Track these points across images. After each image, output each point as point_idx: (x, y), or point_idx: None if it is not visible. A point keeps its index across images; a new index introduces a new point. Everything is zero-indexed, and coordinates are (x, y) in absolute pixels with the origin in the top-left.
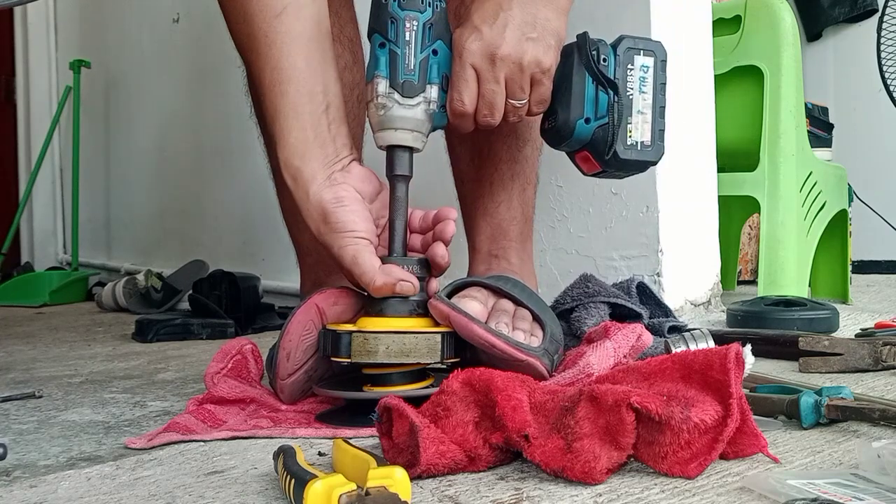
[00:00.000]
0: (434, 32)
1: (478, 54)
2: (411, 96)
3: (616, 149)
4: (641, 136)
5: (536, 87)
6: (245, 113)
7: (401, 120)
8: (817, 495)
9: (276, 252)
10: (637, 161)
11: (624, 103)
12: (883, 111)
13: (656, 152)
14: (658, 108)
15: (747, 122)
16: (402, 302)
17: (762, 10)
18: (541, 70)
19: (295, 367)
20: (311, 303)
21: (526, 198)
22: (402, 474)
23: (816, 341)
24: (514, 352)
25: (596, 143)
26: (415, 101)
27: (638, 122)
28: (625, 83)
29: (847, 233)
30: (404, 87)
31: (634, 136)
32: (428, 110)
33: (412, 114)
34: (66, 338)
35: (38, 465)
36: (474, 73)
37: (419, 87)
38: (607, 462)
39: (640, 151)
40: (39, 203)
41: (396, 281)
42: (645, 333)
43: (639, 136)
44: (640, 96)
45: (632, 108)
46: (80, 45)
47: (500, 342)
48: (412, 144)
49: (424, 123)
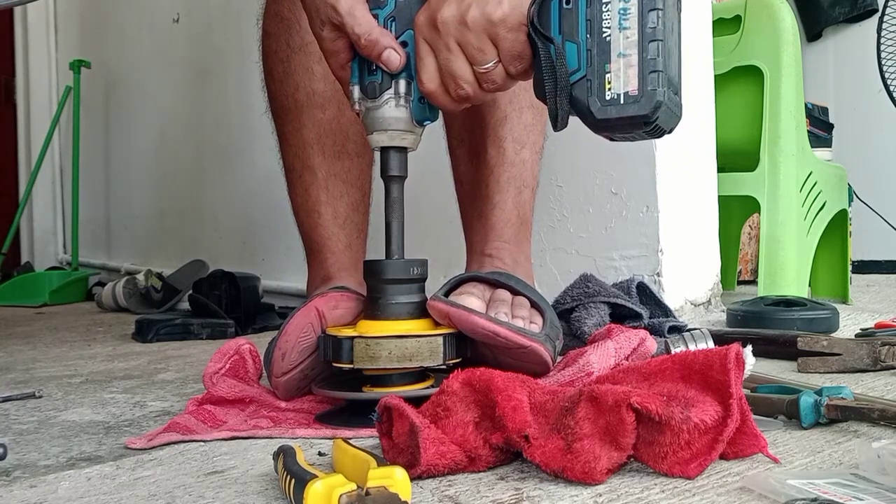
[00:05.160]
0: (399, 24)
1: (424, 26)
2: (375, 97)
3: (591, 107)
4: (624, 85)
5: (501, 44)
6: (245, 113)
7: (375, 121)
8: (817, 495)
9: (276, 252)
10: (621, 119)
11: (599, 48)
12: (883, 111)
13: (647, 103)
14: (647, 43)
15: (747, 122)
16: (402, 304)
17: (762, 10)
18: (492, 24)
19: (290, 367)
20: (311, 305)
21: (522, 200)
22: (402, 474)
23: (815, 341)
24: (517, 338)
25: (575, 105)
26: (382, 98)
27: (619, 69)
28: (599, 22)
29: (847, 233)
30: (368, 88)
31: (614, 88)
32: (399, 104)
33: (381, 113)
34: (66, 338)
35: (38, 465)
36: (427, 46)
37: (384, 85)
38: (607, 462)
39: (623, 106)
40: (39, 203)
41: (388, 47)
42: (649, 339)
43: (620, 87)
44: (619, 35)
45: (610, 51)
46: (80, 45)
47: (503, 329)
48: (390, 144)
49: (400, 119)
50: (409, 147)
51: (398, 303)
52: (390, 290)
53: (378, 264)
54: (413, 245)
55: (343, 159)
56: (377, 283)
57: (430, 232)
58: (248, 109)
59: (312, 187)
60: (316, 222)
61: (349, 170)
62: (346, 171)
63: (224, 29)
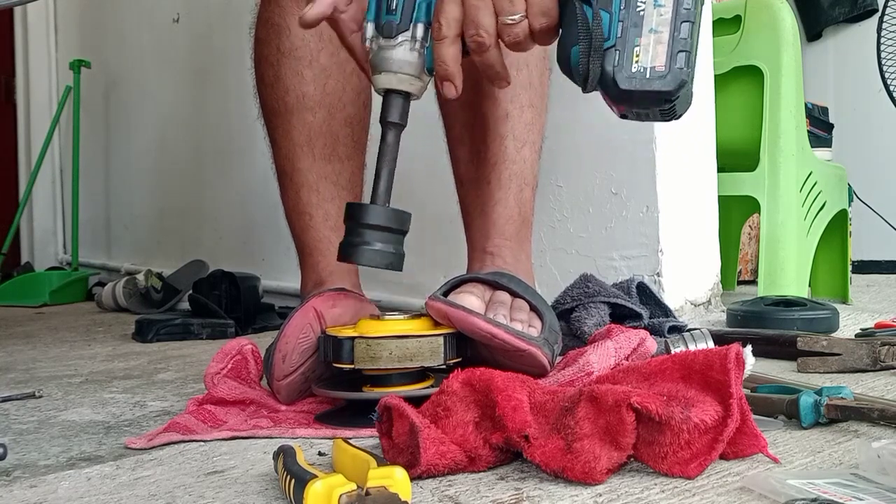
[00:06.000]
0: None
1: None
2: (391, 36)
3: (616, 78)
4: (652, 60)
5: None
6: (245, 113)
7: (385, 62)
8: (817, 495)
9: (276, 252)
10: (645, 92)
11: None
12: (883, 111)
13: (673, 80)
14: (680, 23)
15: (747, 122)
16: (378, 252)
17: (762, 10)
18: None
19: (291, 369)
20: (308, 306)
21: (524, 198)
22: (402, 474)
23: (815, 341)
24: (515, 341)
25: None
26: (397, 40)
27: (648, 44)
28: None
29: (847, 233)
30: (384, 28)
31: (642, 61)
32: (414, 49)
33: (394, 54)
34: (66, 338)
35: (38, 465)
36: None
37: (401, 26)
38: (607, 462)
39: (648, 80)
40: (39, 203)
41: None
42: (649, 339)
43: (647, 61)
44: (653, 11)
45: (642, 25)
46: (80, 45)
47: (501, 332)
48: (398, 87)
49: (412, 64)
50: (414, 94)
51: (374, 249)
52: (368, 235)
53: (360, 207)
54: (413, 245)
55: (334, 162)
56: (356, 225)
57: (431, 232)
58: (248, 109)
59: (303, 190)
60: (307, 224)
61: (340, 173)
62: (337, 174)
63: (224, 29)
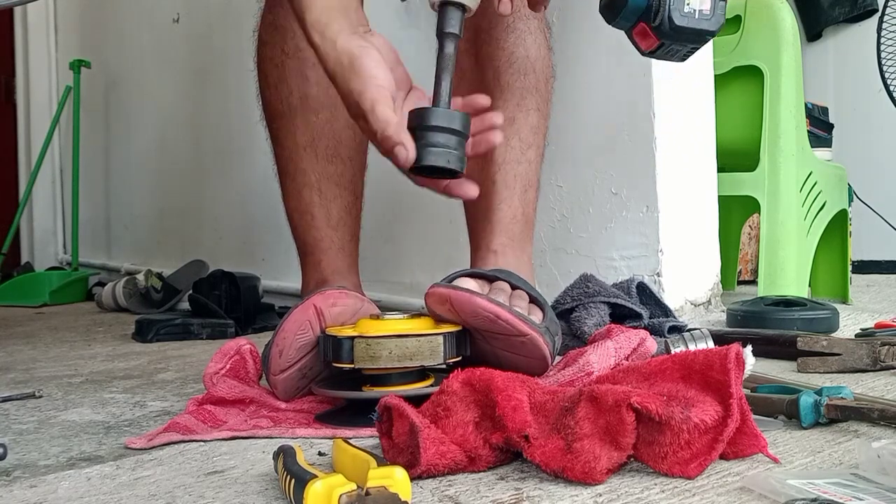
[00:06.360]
0: None
1: None
2: None
3: (672, 15)
4: (700, 4)
5: None
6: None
7: None
8: (817, 495)
9: (276, 252)
10: (694, 30)
11: None
12: (883, 111)
13: (716, 21)
14: None
15: (747, 122)
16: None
17: (762, 10)
18: None
19: (287, 364)
20: (309, 303)
21: (528, 199)
22: (402, 474)
23: (814, 341)
24: (518, 323)
25: (651, 12)
26: None
27: None
28: None
29: (847, 233)
30: None
31: (692, 5)
32: None
33: None
34: (66, 338)
35: (38, 465)
36: None
37: None
38: (607, 462)
39: (698, 20)
40: (39, 203)
41: (398, 143)
42: (649, 339)
43: (696, 5)
44: None
45: None
46: (80, 45)
47: (504, 312)
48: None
49: None
50: (469, 7)
51: (437, 150)
52: (430, 137)
53: (424, 111)
54: (413, 245)
55: (336, 163)
56: (420, 129)
57: (431, 232)
58: (249, 109)
59: (305, 189)
60: (309, 224)
61: (342, 173)
62: (340, 175)
63: (224, 29)
